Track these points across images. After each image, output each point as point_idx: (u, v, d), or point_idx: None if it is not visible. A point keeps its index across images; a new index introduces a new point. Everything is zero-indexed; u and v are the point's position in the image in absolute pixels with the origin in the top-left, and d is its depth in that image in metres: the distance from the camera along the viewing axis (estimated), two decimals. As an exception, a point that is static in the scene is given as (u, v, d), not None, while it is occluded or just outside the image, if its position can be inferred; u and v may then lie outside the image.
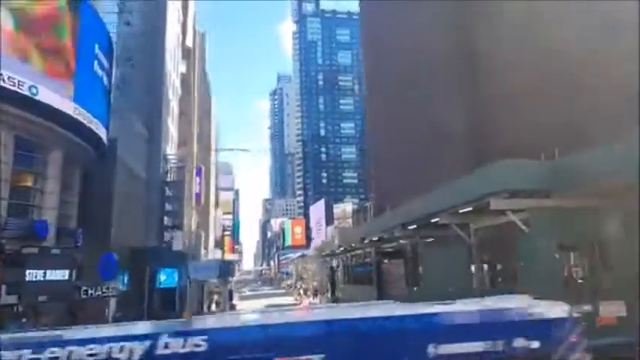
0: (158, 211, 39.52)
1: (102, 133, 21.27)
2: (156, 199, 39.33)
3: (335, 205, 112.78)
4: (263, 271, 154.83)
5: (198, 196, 59.71)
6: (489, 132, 25.83)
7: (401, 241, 26.27)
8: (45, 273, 17.46)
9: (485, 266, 18.64)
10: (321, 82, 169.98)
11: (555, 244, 15.14)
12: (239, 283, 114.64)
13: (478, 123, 26.88)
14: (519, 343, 7.02)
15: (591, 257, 15.62)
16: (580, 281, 15.95)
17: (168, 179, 43.71)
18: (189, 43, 60.90)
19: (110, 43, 23.08)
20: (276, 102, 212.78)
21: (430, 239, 22.92)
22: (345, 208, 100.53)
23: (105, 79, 21.69)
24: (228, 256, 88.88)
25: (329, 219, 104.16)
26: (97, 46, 20.16)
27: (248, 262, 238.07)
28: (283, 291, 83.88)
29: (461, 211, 17.61)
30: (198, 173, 60.92)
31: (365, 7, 53.73)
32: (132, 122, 37.13)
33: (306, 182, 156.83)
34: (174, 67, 50.47)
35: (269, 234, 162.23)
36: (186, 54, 59.15)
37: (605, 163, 13.46)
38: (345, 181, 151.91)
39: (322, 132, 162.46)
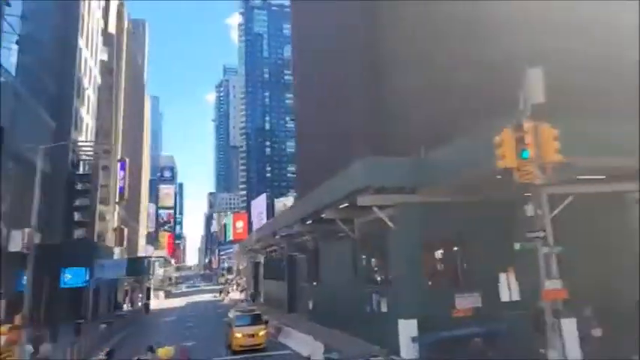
0: (64, 206, 37.15)
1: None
2: (62, 194, 36.94)
3: (277, 200, 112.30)
4: (205, 267, 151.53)
5: (122, 189, 56.91)
6: (392, 129, 26.33)
7: (304, 237, 26.22)
8: None
9: (366, 259, 18.89)
10: (267, 76, 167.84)
11: (419, 239, 15.56)
12: (178, 279, 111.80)
13: (382, 120, 27.34)
14: None
15: (452, 252, 16.21)
16: (451, 276, 16.50)
17: (81, 172, 41.24)
18: (111, 29, 57.70)
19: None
20: (221, 94, 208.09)
21: (327, 234, 22.99)
22: (286, 202, 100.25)
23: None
24: (160, 252, 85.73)
25: (270, 213, 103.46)
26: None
27: (192, 257, 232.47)
28: (219, 287, 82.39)
29: (340, 206, 17.71)
30: (123, 166, 58.02)
31: (294, 5, 53.87)
32: (32, 110, 34.58)
33: (250, 176, 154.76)
34: (91, 53, 47.58)
35: (212, 228, 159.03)
36: (109, 41, 56.01)
37: (462, 157, 13.76)
38: (289, 175, 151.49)
39: (267, 126, 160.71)
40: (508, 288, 12.56)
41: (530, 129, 8.54)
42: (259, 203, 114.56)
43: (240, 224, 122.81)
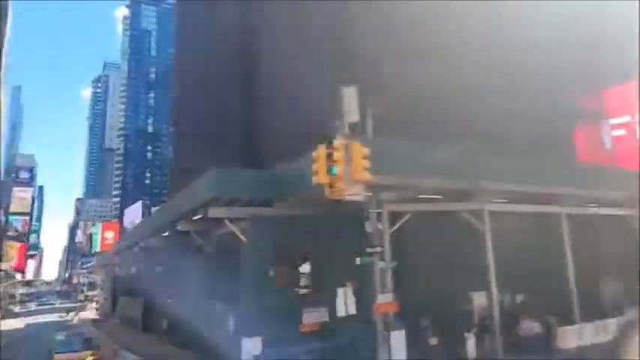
0: None
1: None
2: None
3: (155, 208, 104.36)
4: (64, 282, 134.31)
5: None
6: (263, 139, 26.03)
7: (162, 250, 24.29)
8: None
9: (219, 275, 17.98)
10: (153, 76, 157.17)
11: (271, 253, 15.20)
12: (25, 297, 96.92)
13: (256, 131, 26.95)
14: None
15: (304, 266, 16.14)
16: (302, 291, 16.34)
17: None
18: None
19: None
20: (99, 90, 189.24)
21: (184, 247, 21.49)
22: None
23: None
24: (1, 265, 73.53)
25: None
26: None
27: (53, 270, 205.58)
28: (77, 304, 73.02)
29: (194, 218, 16.62)
30: (-46, 162, 48.50)
31: (179, 4, 51.86)
32: None
33: (126, 181, 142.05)
34: None
35: (77, 239, 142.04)
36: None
37: (303, 171, 13.64)
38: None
39: (150, 128, 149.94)
40: (344, 303, 12.74)
41: (340, 146, 8.67)
42: (134, 211, 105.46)
43: (110, 234, 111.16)
